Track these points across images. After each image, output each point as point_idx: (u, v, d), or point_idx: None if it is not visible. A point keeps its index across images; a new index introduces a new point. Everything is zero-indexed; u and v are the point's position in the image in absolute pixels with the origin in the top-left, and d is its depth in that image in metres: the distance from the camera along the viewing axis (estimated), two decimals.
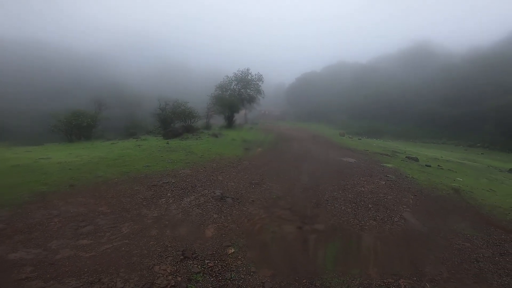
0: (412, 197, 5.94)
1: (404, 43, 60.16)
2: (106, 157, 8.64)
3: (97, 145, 13.44)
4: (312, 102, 53.80)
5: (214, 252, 3.34)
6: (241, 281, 2.85)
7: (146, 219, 4.20)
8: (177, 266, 3.03)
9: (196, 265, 3.06)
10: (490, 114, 26.43)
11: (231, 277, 2.89)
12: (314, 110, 49.54)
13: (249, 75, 29.43)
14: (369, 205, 5.20)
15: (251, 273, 2.98)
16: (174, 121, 20.63)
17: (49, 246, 3.31)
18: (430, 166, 10.72)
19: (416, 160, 11.82)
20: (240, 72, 29.38)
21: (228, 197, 5.29)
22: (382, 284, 2.88)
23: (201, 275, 2.91)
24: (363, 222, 4.44)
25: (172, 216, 4.34)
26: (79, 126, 17.54)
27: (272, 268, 3.08)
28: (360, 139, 22.83)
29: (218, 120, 25.75)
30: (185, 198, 5.15)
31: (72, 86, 41.15)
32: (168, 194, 5.35)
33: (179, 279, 2.81)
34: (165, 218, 4.26)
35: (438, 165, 11.18)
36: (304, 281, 2.88)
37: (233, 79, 29.28)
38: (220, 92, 27.39)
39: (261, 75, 29.95)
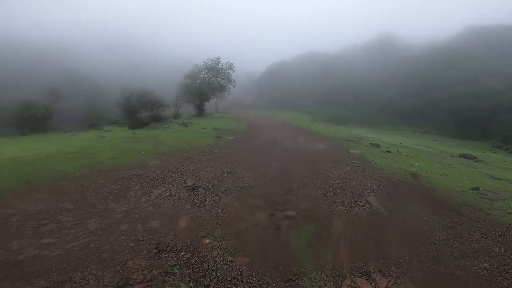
0: (375, 182, 6.27)
1: (369, 35, 61.44)
2: (64, 150, 8.03)
3: (54, 137, 12.43)
4: (282, 90, 54.19)
5: (189, 244, 3.30)
6: (218, 271, 2.86)
7: (114, 213, 4.01)
8: (152, 260, 2.95)
9: (171, 258, 3.01)
10: (442, 104, 28.68)
11: (209, 268, 2.89)
12: (285, 98, 49.99)
13: (220, 64, 28.84)
14: (337, 191, 5.44)
15: (228, 263, 3.00)
16: (140, 110, 19.67)
17: (10, 246, 3.07)
18: (390, 152, 11.45)
19: (379, 146, 12.54)
20: (210, 60, 28.70)
21: (200, 187, 5.22)
22: (352, 267, 3.01)
23: (178, 267, 2.88)
24: (332, 207, 4.63)
25: (143, 209, 4.19)
26: (33, 118, 16.14)
27: (249, 257, 3.12)
28: (328, 126, 23.65)
29: (188, 109, 25.00)
30: (155, 190, 5.00)
31: (25, 77, 36.98)
32: (137, 187, 5.14)
33: (155, 273, 2.76)
34: (135, 211, 4.10)
35: (398, 151, 11.98)
36: (280, 267, 2.95)
37: (202, 67, 28.56)
38: (189, 81, 26.59)
39: (232, 63, 29.50)
